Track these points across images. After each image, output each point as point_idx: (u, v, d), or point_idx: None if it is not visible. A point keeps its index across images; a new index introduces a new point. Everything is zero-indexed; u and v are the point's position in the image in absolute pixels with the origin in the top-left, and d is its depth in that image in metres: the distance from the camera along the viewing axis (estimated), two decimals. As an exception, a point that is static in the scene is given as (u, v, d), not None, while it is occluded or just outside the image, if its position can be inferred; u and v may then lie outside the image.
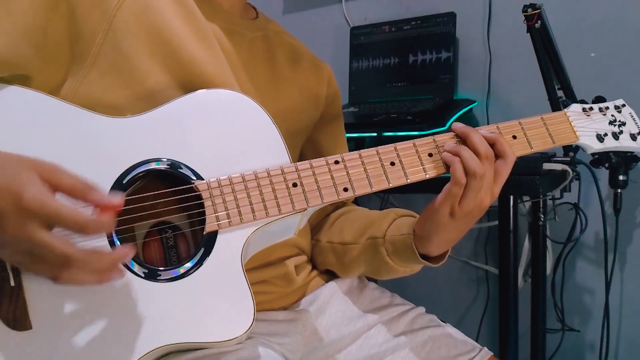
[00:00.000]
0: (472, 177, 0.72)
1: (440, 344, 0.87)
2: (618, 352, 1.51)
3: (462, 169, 0.72)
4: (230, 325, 0.65)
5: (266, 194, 0.69)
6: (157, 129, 0.70)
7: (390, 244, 0.85)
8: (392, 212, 0.90)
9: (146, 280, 0.65)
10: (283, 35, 0.95)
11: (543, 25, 1.24)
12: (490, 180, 0.74)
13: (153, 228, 0.72)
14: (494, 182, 0.74)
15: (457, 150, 0.74)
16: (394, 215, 0.89)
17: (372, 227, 0.88)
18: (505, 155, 0.74)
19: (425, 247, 0.81)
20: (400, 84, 1.66)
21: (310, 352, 0.88)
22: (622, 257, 1.48)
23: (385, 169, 0.74)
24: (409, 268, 0.86)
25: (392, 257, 0.85)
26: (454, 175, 0.73)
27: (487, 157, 0.73)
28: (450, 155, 0.74)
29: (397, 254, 0.84)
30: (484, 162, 0.73)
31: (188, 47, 0.75)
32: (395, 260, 0.85)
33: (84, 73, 0.71)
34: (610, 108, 0.86)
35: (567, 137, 0.82)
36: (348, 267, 0.93)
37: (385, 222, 0.87)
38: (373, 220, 0.90)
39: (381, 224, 0.87)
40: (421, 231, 0.80)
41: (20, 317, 0.62)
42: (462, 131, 0.75)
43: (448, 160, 0.74)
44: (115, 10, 0.72)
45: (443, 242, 0.80)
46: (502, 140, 0.75)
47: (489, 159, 0.73)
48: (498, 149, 0.74)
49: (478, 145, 0.73)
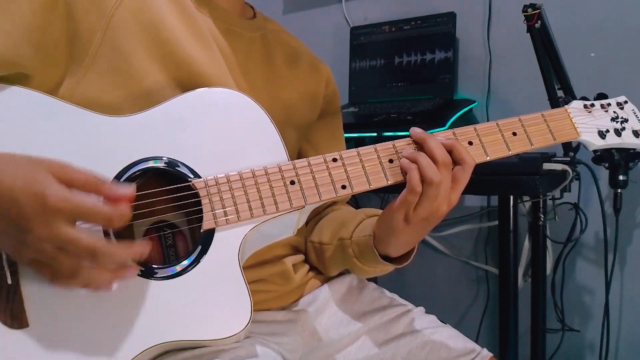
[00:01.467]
0: (429, 185, 0.71)
1: (440, 344, 0.87)
2: (618, 352, 1.51)
3: (418, 177, 0.71)
4: (228, 323, 0.65)
5: (264, 191, 0.69)
6: (155, 127, 0.70)
7: (356, 245, 0.85)
8: (361, 212, 0.90)
9: (143, 278, 0.65)
10: (281, 35, 0.95)
11: (543, 25, 1.24)
12: (447, 187, 0.72)
13: (151, 226, 0.72)
14: (452, 189, 0.73)
15: (415, 157, 0.72)
16: (363, 215, 0.89)
17: (343, 228, 0.89)
18: (463, 162, 0.73)
19: (384, 249, 0.81)
20: (400, 84, 1.66)
21: (310, 352, 0.88)
22: (622, 257, 1.48)
23: (383, 166, 0.74)
24: (378, 268, 0.86)
25: (358, 258, 0.85)
26: (410, 183, 0.72)
27: (444, 164, 0.72)
28: (408, 162, 0.73)
29: (362, 255, 0.85)
30: (441, 169, 0.71)
31: (186, 47, 0.75)
32: (362, 261, 0.85)
33: (82, 73, 0.72)
34: (613, 104, 0.85)
35: (568, 134, 0.81)
36: (327, 267, 0.94)
37: (353, 223, 0.88)
38: (345, 220, 0.90)
39: (349, 225, 0.88)
40: (379, 233, 0.81)
41: (17, 315, 0.62)
42: (419, 137, 0.74)
43: (405, 167, 0.73)
44: (113, 10, 0.72)
45: (400, 245, 0.80)
46: (460, 146, 0.73)
47: (446, 165, 0.72)
48: (455, 156, 0.73)
49: (435, 151, 0.72)
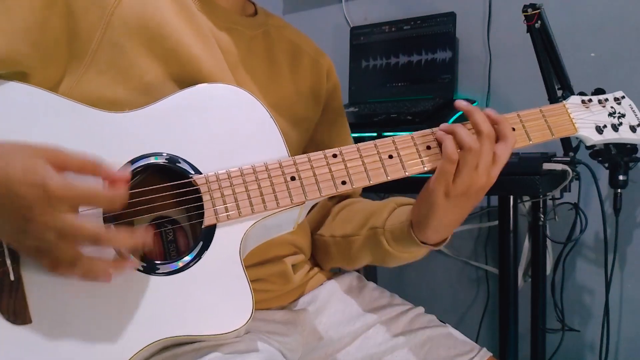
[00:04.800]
0: (468, 151, 0.71)
1: (439, 344, 0.87)
2: (618, 352, 1.51)
3: (453, 145, 0.71)
4: (229, 318, 0.65)
5: (264, 187, 0.69)
6: (156, 123, 0.70)
7: (390, 232, 0.84)
8: (392, 201, 0.89)
9: (145, 274, 0.65)
10: (283, 31, 0.95)
11: (543, 25, 1.24)
12: (488, 160, 0.72)
13: (152, 222, 0.72)
14: (493, 163, 0.73)
15: (451, 128, 0.73)
16: (394, 204, 0.88)
17: (372, 217, 0.88)
18: (506, 138, 0.73)
19: (422, 233, 0.80)
20: (400, 84, 1.66)
21: (310, 351, 0.88)
22: (622, 257, 1.48)
23: (383, 162, 0.74)
24: (412, 254, 0.85)
25: (392, 245, 0.85)
26: (445, 152, 0.72)
27: (488, 136, 0.72)
28: (443, 133, 0.73)
29: (397, 242, 0.84)
30: (484, 140, 0.71)
31: (186, 44, 0.75)
32: (396, 247, 0.84)
33: (82, 70, 0.72)
34: (610, 100, 0.85)
35: (565, 129, 0.81)
36: (354, 259, 0.92)
37: (385, 212, 0.87)
38: (374, 210, 0.89)
39: (381, 214, 0.87)
40: (417, 216, 0.79)
41: (20, 311, 0.62)
42: (466, 109, 0.74)
43: (440, 137, 0.73)
44: (113, 7, 0.72)
45: (440, 226, 0.78)
46: (506, 122, 0.74)
47: (490, 138, 0.72)
48: (499, 130, 0.73)
49: (480, 123, 0.72)
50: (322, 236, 0.96)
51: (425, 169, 0.75)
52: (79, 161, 0.59)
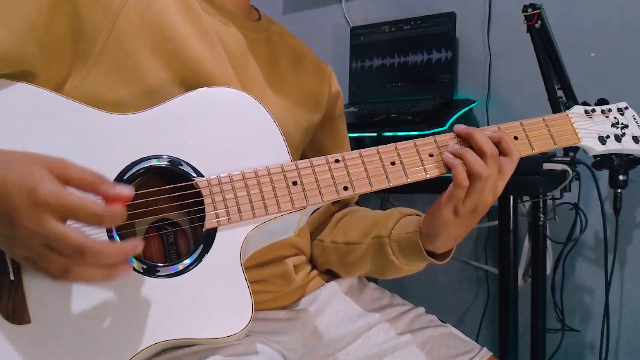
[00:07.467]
0: (477, 179, 0.72)
1: (440, 343, 0.87)
2: (618, 352, 1.51)
3: (464, 172, 0.73)
4: (229, 321, 0.65)
5: (266, 192, 0.69)
6: (159, 125, 0.70)
7: (396, 242, 0.85)
8: (396, 211, 0.90)
9: (145, 276, 0.65)
10: (285, 37, 0.95)
11: (543, 25, 1.24)
12: (494, 179, 0.74)
13: (153, 224, 0.72)
14: (498, 179, 0.74)
15: (460, 153, 0.74)
16: (399, 214, 0.89)
17: (377, 226, 0.88)
18: (510, 153, 0.74)
19: (432, 244, 0.81)
20: (400, 84, 1.66)
21: (310, 351, 0.88)
22: (622, 257, 1.48)
23: (385, 169, 0.74)
24: (413, 267, 0.86)
25: (397, 256, 0.85)
26: (456, 179, 0.73)
27: (492, 157, 0.73)
28: (452, 157, 0.74)
29: (403, 253, 0.84)
30: (489, 162, 0.73)
31: (191, 46, 0.75)
32: (400, 259, 0.85)
33: (87, 71, 0.72)
34: (613, 110, 0.86)
35: (568, 139, 0.81)
36: (351, 267, 0.93)
37: (390, 221, 0.87)
38: (378, 219, 0.90)
39: (387, 223, 0.87)
40: (427, 229, 0.80)
41: (19, 311, 0.62)
42: (466, 132, 0.75)
43: (450, 162, 0.74)
44: (119, 8, 0.72)
45: (449, 239, 0.80)
46: (507, 137, 0.75)
47: (494, 157, 0.73)
48: (503, 147, 0.74)
49: (484, 145, 0.73)
50: (322, 242, 0.96)
51: (427, 177, 0.75)
52: (81, 176, 0.57)
